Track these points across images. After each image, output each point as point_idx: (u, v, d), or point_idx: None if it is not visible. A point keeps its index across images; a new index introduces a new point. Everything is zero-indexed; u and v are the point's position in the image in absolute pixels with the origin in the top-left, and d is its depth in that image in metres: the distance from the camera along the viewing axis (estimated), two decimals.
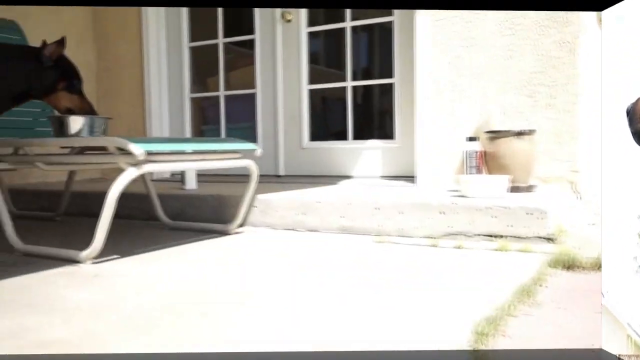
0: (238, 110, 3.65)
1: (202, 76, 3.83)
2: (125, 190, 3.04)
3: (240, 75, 3.74)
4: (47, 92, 1.97)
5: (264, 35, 3.40)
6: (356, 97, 3.36)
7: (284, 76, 3.34)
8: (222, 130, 3.60)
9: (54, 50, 1.95)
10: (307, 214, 2.39)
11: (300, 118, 3.32)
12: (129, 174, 1.80)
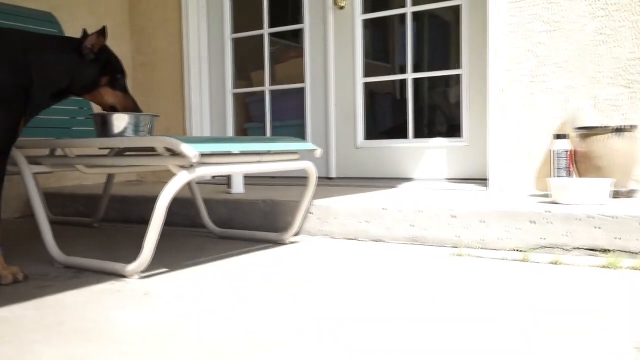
0: (285, 106, 3.40)
1: (245, 70, 3.59)
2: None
3: (286, 69, 3.48)
4: (89, 88, 1.74)
5: (314, 25, 3.13)
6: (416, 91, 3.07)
7: (336, 69, 3.07)
8: (268, 128, 3.35)
9: (95, 42, 1.72)
10: (371, 222, 2.11)
11: (354, 115, 3.05)
12: (180, 179, 1.56)
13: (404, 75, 2.95)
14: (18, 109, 1.59)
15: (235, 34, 3.45)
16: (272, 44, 3.39)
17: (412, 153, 2.90)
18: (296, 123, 3.32)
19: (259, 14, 3.39)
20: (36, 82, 1.64)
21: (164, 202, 1.56)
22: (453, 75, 2.88)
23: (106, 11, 3.45)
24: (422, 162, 2.89)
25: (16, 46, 1.61)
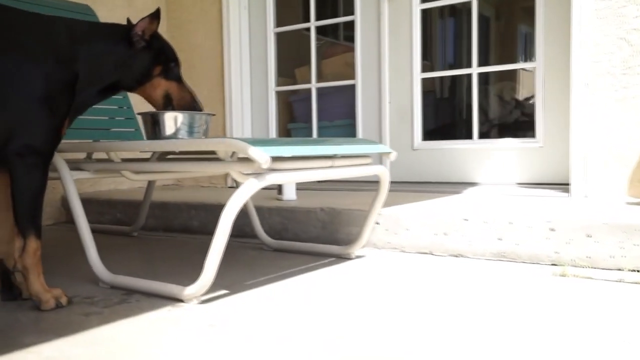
0: (332, 105, 3.16)
1: (288, 67, 3.36)
2: (208, 200, 2.63)
3: (333, 64, 3.25)
4: (141, 80, 1.52)
5: (366, 16, 2.89)
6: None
7: (390, 63, 2.82)
8: (314, 128, 3.11)
9: (147, 27, 1.50)
10: (449, 235, 1.86)
11: (411, 113, 2.79)
12: (249, 188, 1.33)
13: (468, 70, 2.69)
14: (63, 107, 1.37)
15: (278, 28, 3.22)
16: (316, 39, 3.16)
17: (476, 155, 2.64)
18: (345, 123, 3.09)
19: (303, 6, 3.16)
20: (82, 76, 1.42)
21: (229, 216, 1.34)
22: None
23: (143, 4, 3.25)
24: (488, 164, 2.62)
25: (61, 35, 1.40)
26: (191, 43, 3.36)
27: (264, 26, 3.22)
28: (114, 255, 2.01)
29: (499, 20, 7.23)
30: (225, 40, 3.20)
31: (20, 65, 1.30)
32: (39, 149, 1.33)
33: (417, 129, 2.79)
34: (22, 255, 1.34)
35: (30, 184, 1.33)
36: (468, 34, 2.70)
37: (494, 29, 7.10)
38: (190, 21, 3.34)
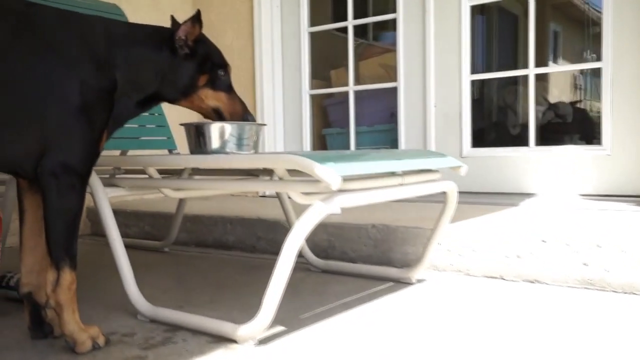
0: (370, 109, 2.97)
1: (321, 68, 3.18)
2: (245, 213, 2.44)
3: (370, 66, 3.06)
4: (185, 92, 1.33)
5: (409, 13, 2.69)
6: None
7: (436, 64, 2.62)
8: (352, 134, 2.92)
9: (190, 31, 1.32)
10: (523, 257, 1.66)
11: (459, 118, 2.59)
12: (315, 214, 1.14)
13: (525, 71, 2.48)
14: (101, 118, 1.20)
15: (313, 27, 3.04)
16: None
17: (533, 163, 2.43)
18: (385, 128, 2.89)
19: (333, 5, 2.98)
20: (120, 85, 1.24)
21: (293, 248, 1.15)
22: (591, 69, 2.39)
23: (170, 4, 3.08)
24: (545, 173, 2.41)
25: (99, 37, 1.22)
26: (220, 44, 3.15)
27: (297, 25, 3.04)
28: (147, 277, 1.83)
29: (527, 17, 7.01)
30: (257, 41, 3.02)
31: (53, 69, 1.13)
32: (75, 168, 1.15)
33: (465, 135, 2.59)
34: (55, 289, 1.16)
35: (65, 208, 1.16)
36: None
37: (522, 27, 6.87)
38: (219, 21, 3.16)
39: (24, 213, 1.25)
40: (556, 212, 2.07)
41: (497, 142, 4.03)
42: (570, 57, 8.38)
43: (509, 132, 5.17)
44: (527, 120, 2.48)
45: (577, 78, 8.54)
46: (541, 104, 5.49)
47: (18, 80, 1.09)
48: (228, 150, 1.39)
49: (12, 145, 1.11)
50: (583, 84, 8.61)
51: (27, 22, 1.12)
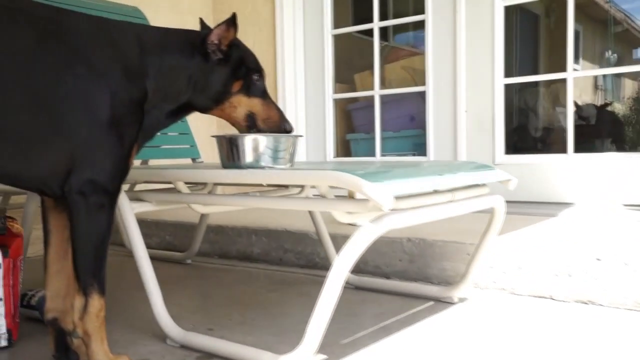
0: (395, 114, 2.87)
1: (345, 72, 3.08)
2: (271, 224, 2.33)
3: (396, 69, 2.96)
4: (218, 100, 1.24)
5: (439, 15, 2.58)
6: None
7: (467, 68, 2.52)
8: (377, 140, 2.82)
9: (224, 35, 1.23)
10: (575, 276, 1.55)
11: (492, 123, 2.48)
12: (365, 236, 1.05)
13: (562, 74, 2.37)
14: (131, 132, 1.11)
15: (336, 30, 2.94)
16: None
17: (571, 171, 2.32)
18: (412, 133, 2.80)
19: (354, 6, 2.88)
20: (151, 94, 1.16)
21: (341, 272, 1.06)
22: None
23: (189, 6, 3.00)
24: (585, 182, 2.30)
25: (130, 45, 1.13)
26: None
27: (320, 28, 2.94)
28: (173, 294, 1.74)
29: (549, 17, 6.84)
30: (279, 44, 2.93)
31: (83, 81, 1.04)
32: (104, 186, 1.07)
33: (498, 141, 2.48)
34: (82, 317, 1.08)
35: (93, 230, 1.07)
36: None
37: (543, 27, 6.72)
38: (239, 23, 3.07)
39: (49, 234, 1.17)
40: (604, 225, 1.96)
41: (520, 147, 3.92)
42: (591, 57, 8.22)
43: (531, 136, 5.03)
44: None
45: (598, 79, 8.37)
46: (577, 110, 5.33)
47: (46, 94, 1.00)
48: (263, 163, 1.30)
49: (39, 163, 1.02)
50: (603, 85, 8.44)
51: (56, 31, 1.03)
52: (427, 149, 2.64)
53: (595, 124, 4.43)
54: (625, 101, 7.58)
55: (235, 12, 3.35)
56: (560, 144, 5.20)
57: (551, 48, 6.47)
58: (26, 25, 1.00)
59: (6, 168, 1.01)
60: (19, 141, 1.00)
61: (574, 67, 2.32)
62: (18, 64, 0.98)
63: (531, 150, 4.29)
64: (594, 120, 5.13)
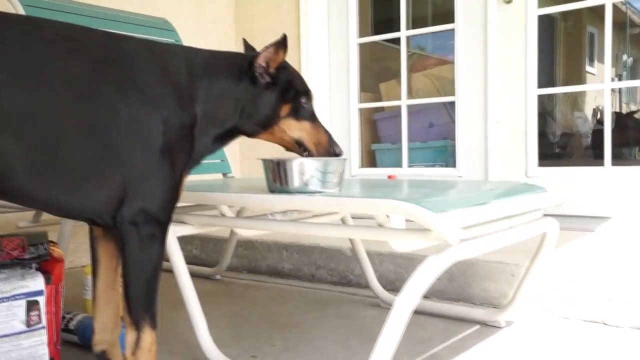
0: (422, 124, 2.82)
1: (370, 81, 3.04)
2: (303, 239, 2.27)
3: (422, 79, 2.91)
4: (265, 124, 1.21)
5: (469, 24, 2.54)
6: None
7: (499, 78, 2.47)
8: (404, 150, 2.77)
9: (273, 58, 1.19)
10: (630, 300, 1.50)
11: (524, 134, 2.43)
12: (431, 270, 1.00)
13: (599, 85, 2.32)
14: (183, 159, 1.07)
15: (362, 38, 2.90)
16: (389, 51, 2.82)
17: (607, 184, 2.26)
18: (441, 144, 2.75)
19: (373, 16, 2.84)
20: (200, 119, 1.12)
21: (406, 306, 1.01)
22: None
23: (212, 15, 2.97)
24: (624, 196, 2.24)
25: (181, 71, 1.10)
26: None
27: (345, 37, 2.90)
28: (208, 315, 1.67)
29: (566, 21, 6.76)
30: (303, 53, 2.89)
31: (137, 109, 1.00)
32: (156, 216, 1.03)
33: (531, 153, 2.43)
34: (134, 352, 1.04)
35: (146, 261, 1.03)
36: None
37: (560, 31, 6.63)
38: (263, 32, 3.04)
39: (98, 264, 1.13)
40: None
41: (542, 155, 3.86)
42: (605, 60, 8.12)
43: (549, 142, 4.96)
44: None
45: (613, 81, 8.28)
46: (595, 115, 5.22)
47: (101, 124, 0.96)
48: (312, 188, 1.25)
49: (92, 194, 0.99)
50: (618, 89, 8.34)
51: (111, 57, 1.00)
52: (456, 160, 2.59)
53: (624, 130, 4.36)
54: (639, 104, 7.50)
55: (258, 20, 3.30)
56: (578, 149, 5.12)
57: (569, 51, 6.39)
58: (83, 54, 0.96)
59: (59, 200, 0.98)
60: (73, 173, 0.96)
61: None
62: (75, 95, 0.94)
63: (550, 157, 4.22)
64: (612, 124, 5.07)
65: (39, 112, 0.91)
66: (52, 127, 0.92)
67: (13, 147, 0.89)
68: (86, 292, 1.62)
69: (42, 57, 0.92)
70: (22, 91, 0.89)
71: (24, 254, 1.25)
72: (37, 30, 0.94)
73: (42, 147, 0.92)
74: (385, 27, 3.58)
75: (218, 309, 1.82)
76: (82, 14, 1.83)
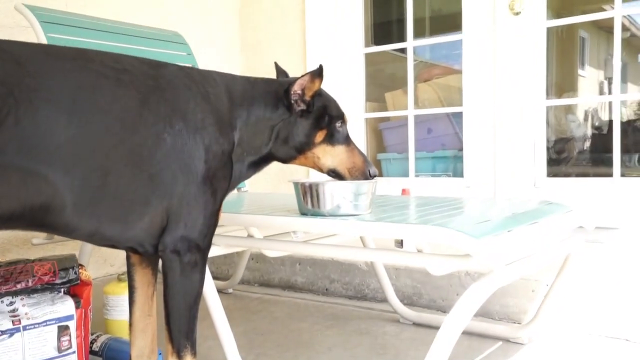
0: (429, 133, 2.83)
1: (375, 90, 3.05)
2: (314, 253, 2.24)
3: (429, 88, 2.92)
4: (300, 150, 1.21)
5: (476, 35, 2.55)
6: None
7: (507, 89, 2.49)
8: (411, 160, 2.78)
9: (308, 86, 1.19)
10: None
11: (533, 145, 2.45)
12: (475, 299, 1.01)
13: (607, 97, 2.34)
14: (222, 186, 1.07)
15: (369, 48, 2.90)
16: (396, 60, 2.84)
17: (616, 195, 2.29)
18: (448, 154, 2.76)
19: (372, 25, 2.84)
20: (237, 146, 1.12)
21: (451, 334, 1.02)
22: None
23: (218, 23, 2.95)
24: (630, 207, 2.27)
25: (222, 98, 1.09)
26: (268, 64, 3.04)
27: (351, 46, 2.90)
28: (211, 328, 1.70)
29: (560, 26, 6.82)
30: (309, 62, 2.88)
31: (179, 136, 0.99)
32: (198, 243, 1.03)
33: (540, 164, 2.44)
34: None
35: (188, 289, 1.03)
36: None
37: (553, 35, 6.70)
38: (267, 40, 3.03)
39: (135, 291, 1.12)
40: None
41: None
42: (596, 64, 8.23)
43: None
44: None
45: (603, 85, 8.38)
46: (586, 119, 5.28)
47: (147, 154, 0.96)
48: (343, 211, 1.25)
49: (137, 224, 0.98)
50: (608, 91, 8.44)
51: (156, 87, 0.99)
52: (464, 171, 2.61)
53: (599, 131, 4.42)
54: (629, 105, 7.59)
55: (263, 28, 3.28)
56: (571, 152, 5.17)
57: (561, 55, 6.46)
58: (129, 85, 0.96)
59: (104, 231, 0.97)
60: (120, 204, 0.95)
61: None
62: (123, 127, 0.93)
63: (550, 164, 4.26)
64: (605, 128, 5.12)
65: (88, 145, 0.90)
66: (101, 159, 0.91)
67: (62, 181, 0.88)
68: (107, 312, 1.60)
69: (92, 90, 0.91)
70: (73, 126, 0.88)
71: (55, 279, 1.23)
72: (87, 63, 0.93)
73: (90, 180, 0.91)
74: (384, 28, 3.57)
75: (236, 326, 1.81)
76: (96, 29, 1.81)
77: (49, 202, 0.89)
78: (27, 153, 0.84)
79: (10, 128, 0.81)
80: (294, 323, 1.82)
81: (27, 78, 0.84)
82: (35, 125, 0.83)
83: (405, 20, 2.77)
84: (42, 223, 0.92)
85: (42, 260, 1.26)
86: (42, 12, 1.68)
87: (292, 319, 1.87)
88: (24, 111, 0.82)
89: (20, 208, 0.87)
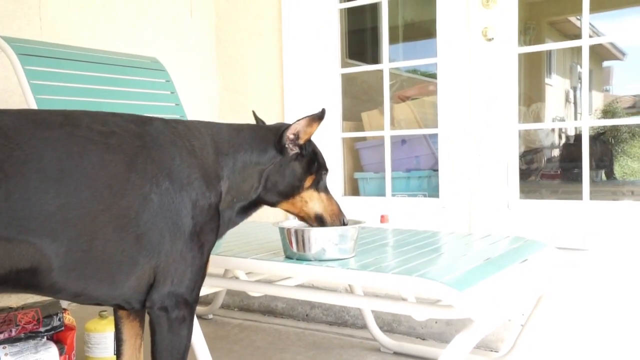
0: (404, 154, 2.88)
1: (352, 110, 3.08)
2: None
3: (404, 109, 2.97)
4: (289, 194, 1.22)
5: (451, 59, 2.61)
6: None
7: (481, 112, 2.55)
8: (388, 180, 2.82)
9: (304, 130, 1.22)
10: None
11: (506, 167, 2.52)
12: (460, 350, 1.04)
13: (577, 122, 2.42)
14: (210, 240, 1.08)
15: (345, 69, 2.93)
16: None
17: (586, 218, 2.38)
18: (423, 174, 2.81)
19: (348, 44, 2.88)
20: (224, 195, 1.13)
21: None
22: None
23: (195, 44, 2.95)
24: (600, 229, 2.36)
25: (207, 150, 1.10)
26: (246, 84, 3.05)
27: (328, 66, 2.93)
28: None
29: (526, 35, 6.99)
30: (287, 81, 2.90)
31: (166, 195, 1.00)
32: (186, 298, 1.04)
33: (513, 185, 2.51)
34: None
35: (175, 345, 1.04)
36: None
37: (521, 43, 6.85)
38: (244, 58, 3.03)
39: (123, 344, 1.13)
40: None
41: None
42: (562, 72, 8.46)
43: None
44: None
45: (569, 93, 8.61)
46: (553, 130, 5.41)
47: (135, 215, 0.96)
48: (328, 256, 1.28)
49: (124, 284, 0.98)
50: (573, 99, 8.68)
51: (141, 147, 1.00)
52: (439, 191, 2.66)
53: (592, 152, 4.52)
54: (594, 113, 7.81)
55: (240, 47, 3.29)
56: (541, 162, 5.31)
57: (529, 64, 6.61)
58: (116, 148, 0.96)
59: (91, 292, 0.97)
60: (107, 266, 0.96)
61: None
62: (110, 192, 0.94)
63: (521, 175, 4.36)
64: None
65: (76, 212, 0.90)
66: (89, 225, 0.92)
67: (49, 247, 0.88)
68: (89, 349, 1.58)
69: (81, 158, 0.92)
70: (62, 195, 0.88)
71: (39, 327, 1.22)
72: (75, 130, 0.93)
73: (77, 245, 0.91)
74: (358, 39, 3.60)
75: (219, 358, 1.82)
76: (74, 59, 1.79)
77: (35, 266, 0.89)
78: (16, 225, 0.83)
79: (1, 203, 0.81)
80: (276, 353, 1.83)
81: (17, 151, 0.84)
82: (25, 198, 0.83)
83: (381, 42, 2.81)
84: (28, 286, 0.92)
85: (25, 308, 1.24)
86: (19, 43, 1.65)
87: (274, 349, 1.88)
88: (14, 185, 0.82)
89: (4, 274, 0.87)
